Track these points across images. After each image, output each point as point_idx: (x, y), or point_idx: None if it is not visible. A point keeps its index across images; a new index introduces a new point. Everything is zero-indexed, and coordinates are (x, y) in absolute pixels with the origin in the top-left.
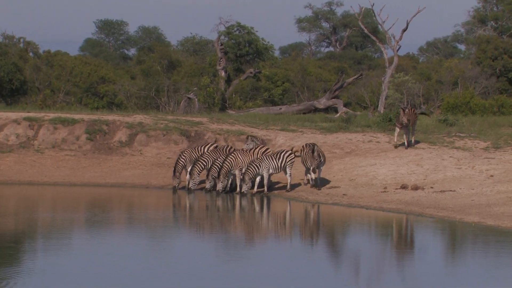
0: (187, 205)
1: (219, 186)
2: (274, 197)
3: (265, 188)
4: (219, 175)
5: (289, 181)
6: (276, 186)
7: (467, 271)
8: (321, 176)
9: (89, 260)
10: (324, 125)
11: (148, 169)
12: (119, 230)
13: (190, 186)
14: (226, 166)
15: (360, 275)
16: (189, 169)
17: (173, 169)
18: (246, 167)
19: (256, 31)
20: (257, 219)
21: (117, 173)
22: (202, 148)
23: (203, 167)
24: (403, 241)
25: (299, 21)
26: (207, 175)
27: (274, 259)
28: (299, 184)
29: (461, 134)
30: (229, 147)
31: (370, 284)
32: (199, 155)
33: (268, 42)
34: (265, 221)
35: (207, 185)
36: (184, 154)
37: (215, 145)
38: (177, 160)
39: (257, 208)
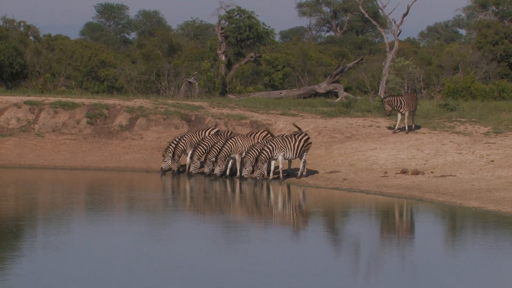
0: (187, 188)
1: (217, 170)
2: (274, 181)
3: (280, 174)
4: (216, 159)
5: (301, 167)
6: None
7: (466, 256)
8: (322, 160)
9: (87, 245)
10: (324, 110)
11: (148, 153)
12: (120, 216)
13: (190, 170)
14: (225, 150)
15: (360, 261)
16: (189, 153)
17: (163, 152)
18: (246, 151)
19: (257, 15)
20: (252, 203)
21: (118, 157)
22: (203, 132)
23: (204, 151)
24: (403, 226)
25: (300, 5)
26: (205, 159)
27: (268, 246)
28: (297, 169)
29: (462, 119)
30: (230, 132)
31: (369, 270)
32: (199, 140)
33: (269, 26)
34: (262, 206)
35: (206, 169)
36: (184, 138)
37: (216, 129)
38: (177, 144)
39: (255, 192)
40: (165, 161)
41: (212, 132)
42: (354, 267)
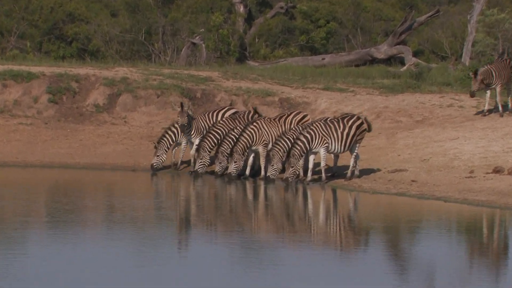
0: (191, 194)
1: (233, 168)
2: (313, 184)
3: (323, 174)
4: (231, 152)
5: (352, 163)
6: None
7: None
8: (382, 154)
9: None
10: (385, 83)
11: (135, 144)
12: (94, 236)
13: (197, 168)
14: (244, 140)
15: None
16: (194, 144)
17: (155, 143)
18: (274, 141)
19: None
20: (281, 215)
21: (92, 149)
22: (213, 115)
23: (214, 142)
24: (498, 249)
25: None
26: (216, 153)
27: (304, 274)
28: (346, 167)
29: None
30: (251, 114)
31: None
32: (208, 125)
33: None
34: (296, 220)
35: (217, 167)
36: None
37: (232, 110)
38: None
39: (287, 199)
40: (157, 156)
41: (226, 115)
42: None
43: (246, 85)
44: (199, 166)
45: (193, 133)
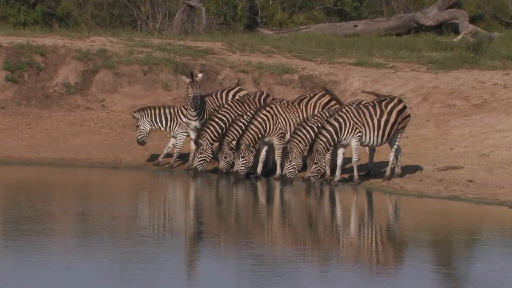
0: (190, 198)
1: (239, 165)
2: (343, 185)
3: (355, 173)
4: (238, 143)
5: (392, 159)
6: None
7: None
8: (431, 147)
9: None
10: (434, 56)
11: (116, 134)
12: (67, 252)
13: (196, 164)
14: (255, 129)
15: None
16: (193, 140)
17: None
18: (293, 131)
19: None
20: (302, 224)
21: (61, 141)
22: (223, 95)
23: (218, 131)
24: None
25: None
26: (220, 144)
27: None
28: (385, 164)
29: None
30: (264, 95)
31: None
32: (211, 110)
33: None
34: (320, 230)
35: (222, 163)
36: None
37: (242, 92)
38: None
39: (309, 204)
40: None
41: (232, 95)
42: None
43: (257, 60)
44: (199, 163)
45: (203, 119)
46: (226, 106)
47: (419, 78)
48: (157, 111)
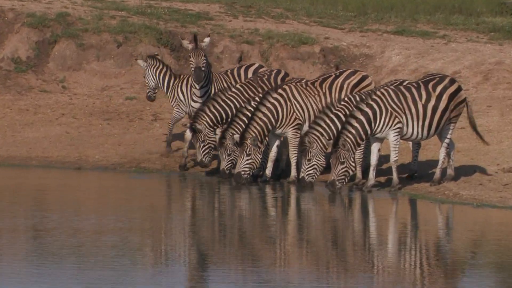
0: (185, 204)
1: (244, 164)
2: (379, 191)
3: (394, 175)
4: (243, 136)
5: (443, 157)
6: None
7: None
8: (493, 142)
9: None
10: (497, 23)
11: (80, 124)
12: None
13: (202, 157)
14: (263, 120)
15: None
16: (188, 125)
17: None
18: (312, 121)
19: None
20: (327, 240)
21: (9, 133)
22: (241, 72)
23: (218, 120)
24: None
25: None
26: (221, 138)
27: None
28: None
29: None
30: (282, 74)
31: None
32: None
33: None
34: (348, 246)
35: (223, 162)
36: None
37: (263, 69)
38: None
39: (334, 215)
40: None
41: (252, 73)
42: None
43: (266, 27)
44: (204, 154)
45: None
46: (237, 87)
47: (478, 51)
48: (164, 69)
